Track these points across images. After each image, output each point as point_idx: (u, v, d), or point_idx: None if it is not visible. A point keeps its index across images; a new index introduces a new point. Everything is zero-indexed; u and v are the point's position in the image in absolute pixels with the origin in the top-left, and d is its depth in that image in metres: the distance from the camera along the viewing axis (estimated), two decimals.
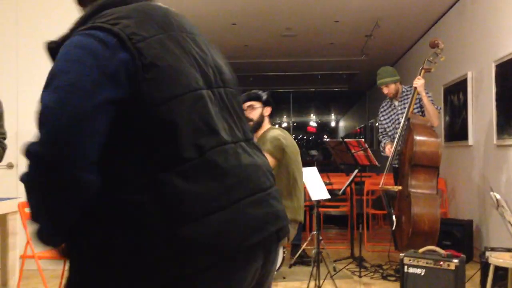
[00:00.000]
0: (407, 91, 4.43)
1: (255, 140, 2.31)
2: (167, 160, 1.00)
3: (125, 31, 1.02)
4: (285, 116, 15.62)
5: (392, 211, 4.10)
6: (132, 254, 0.97)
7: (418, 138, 3.95)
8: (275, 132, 3.24)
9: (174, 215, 0.98)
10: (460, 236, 4.76)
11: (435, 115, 4.24)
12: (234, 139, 1.13)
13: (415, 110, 4.33)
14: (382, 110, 4.65)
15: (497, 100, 4.50)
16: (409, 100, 4.25)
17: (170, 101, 1.02)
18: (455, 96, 5.61)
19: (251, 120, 3.21)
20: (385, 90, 4.46)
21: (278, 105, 14.35)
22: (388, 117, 4.55)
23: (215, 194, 1.03)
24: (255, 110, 3.24)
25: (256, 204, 1.09)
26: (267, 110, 3.28)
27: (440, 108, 4.46)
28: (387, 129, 4.58)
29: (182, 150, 1.01)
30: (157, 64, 1.03)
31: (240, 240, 1.03)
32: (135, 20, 1.06)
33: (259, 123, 3.25)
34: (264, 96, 3.28)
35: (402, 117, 4.26)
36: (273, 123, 3.45)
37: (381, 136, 4.68)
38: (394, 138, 4.34)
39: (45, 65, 4.25)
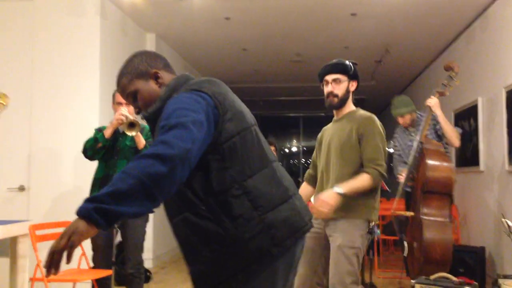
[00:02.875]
0: (422, 116, 4.30)
1: (335, 118, 2.87)
2: (246, 171, 1.54)
3: (209, 91, 1.56)
4: (294, 141, 15.63)
5: (404, 237, 4.04)
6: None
7: (430, 163, 3.87)
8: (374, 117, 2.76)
9: (259, 207, 1.52)
10: (472, 263, 4.68)
11: (455, 134, 4.10)
12: (275, 159, 1.68)
13: (430, 136, 4.24)
14: (396, 135, 4.56)
15: (508, 126, 4.48)
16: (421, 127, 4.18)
17: (240, 133, 1.57)
18: (466, 122, 5.60)
19: (335, 95, 2.75)
20: (401, 121, 4.37)
21: (288, 129, 14.37)
22: (404, 142, 4.45)
23: (280, 193, 1.59)
24: (341, 84, 2.74)
25: (298, 200, 1.65)
26: (353, 85, 2.79)
27: (462, 131, 4.30)
28: (402, 155, 4.49)
29: (254, 164, 1.57)
30: (231, 110, 1.57)
31: (300, 221, 1.60)
32: (207, 85, 1.59)
33: (344, 100, 2.76)
34: (352, 67, 2.77)
35: (414, 141, 4.17)
36: (282, 147, 3.14)
37: (397, 162, 4.58)
38: (407, 163, 4.26)
39: (58, 89, 4.34)
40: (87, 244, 3.65)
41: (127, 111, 3.39)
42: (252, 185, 1.53)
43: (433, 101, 4.03)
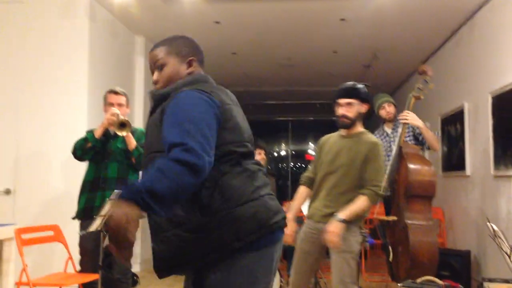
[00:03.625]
0: (400, 120, 4.36)
1: (344, 134, 3.05)
2: (223, 170, 1.61)
3: (218, 98, 1.66)
4: (283, 144, 15.65)
5: (388, 241, 4.07)
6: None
7: (412, 167, 3.92)
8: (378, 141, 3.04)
9: (229, 201, 1.58)
10: (458, 266, 4.73)
11: (435, 140, 4.26)
12: (253, 161, 1.75)
13: (407, 139, 4.32)
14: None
15: (493, 131, 4.54)
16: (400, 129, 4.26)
17: (234, 143, 1.65)
18: (452, 127, 5.66)
19: (348, 118, 2.98)
20: (387, 109, 4.45)
21: (276, 133, 14.38)
22: (383, 146, 4.52)
23: (252, 190, 1.64)
24: (353, 107, 2.98)
25: (272, 199, 1.70)
26: (364, 107, 3.02)
27: (438, 134, 4.45)
28: None
29: (233, 165, 1.63)
30: (232, 120, 1.67)
31: (267, 218, 1.63)
32: (219, 93, 1.70)
33: (354, 121, 3.01)
34: (363, 91, 2.99)
35: (394, 145, 4.24)
36: (271, 151, 3.39)
37: None
38: (385, 166, 4.31)
39: (46, 90, 4.31)
40: (74, 248, 3.63)
41: (118, 111, 3.38)
42: (226, 181, 1.60)
43: (409, 117, 4.10)
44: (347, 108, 2.98)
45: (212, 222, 1.56)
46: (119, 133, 3.32)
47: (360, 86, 3.01)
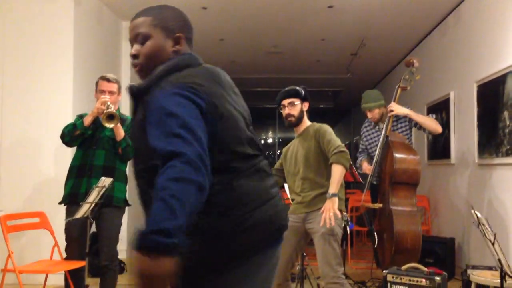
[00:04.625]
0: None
1: (296, 135, 3.37)
2: (237, 170, 1.48)
3: (202, 91, 1.42)
4: (270, 132, 15.67)
5: (374, 228, 4.11)
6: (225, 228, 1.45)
7: (397, 156, 3.97)
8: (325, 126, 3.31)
9: (245, 204, 1.47)
10: (442, 253, 4.80)
11: (434, 123, 4.22)
12: (262, 159, 1.63)
13: (404, 133, 4.30)
14: (365, 130, 4.58)
15: (478, 119, 4.59)
16: (394, 122, 4.26)
17: (234, 141, 1.49)
18: (438, 115, 5.70)
19: (292, 115, 3.30)
20: (369, 115, 4.39)
21: (264, 121, 14.37)
22: (372, 138, 4.50)
23: (266, 191, 1.55)
24: (296, 106, 3.30)
25: (280, 201, 1.62)
26: (306, 105, 3.35)
27: (434, 115, 4.43)
28: (370, 150, 4.54)
29: (245, 163, 1.51)
30: (225, 115, 1.47)
31: (279, 221, 1.57)
32: (203, 82, 1.46)
33: (300, 118, 3.32)
34: (302, 92, 3.33)
35: None
36: (259, 139, 3.43)
37: (358, 153, 4.70)
38: (372, 156, 4.34)
39: (30, 76, 4.26)
40: (60, 235, 3.61)
41: (108, 99, 3.34)
42: (241, 182, 1.47)
43: (394, 108, 4.10)
44: (290, 108, 3.29)
45: (228, 227, 1.43)
46: (107, 125, 3.28)
47: (299, 88, 3.33)
